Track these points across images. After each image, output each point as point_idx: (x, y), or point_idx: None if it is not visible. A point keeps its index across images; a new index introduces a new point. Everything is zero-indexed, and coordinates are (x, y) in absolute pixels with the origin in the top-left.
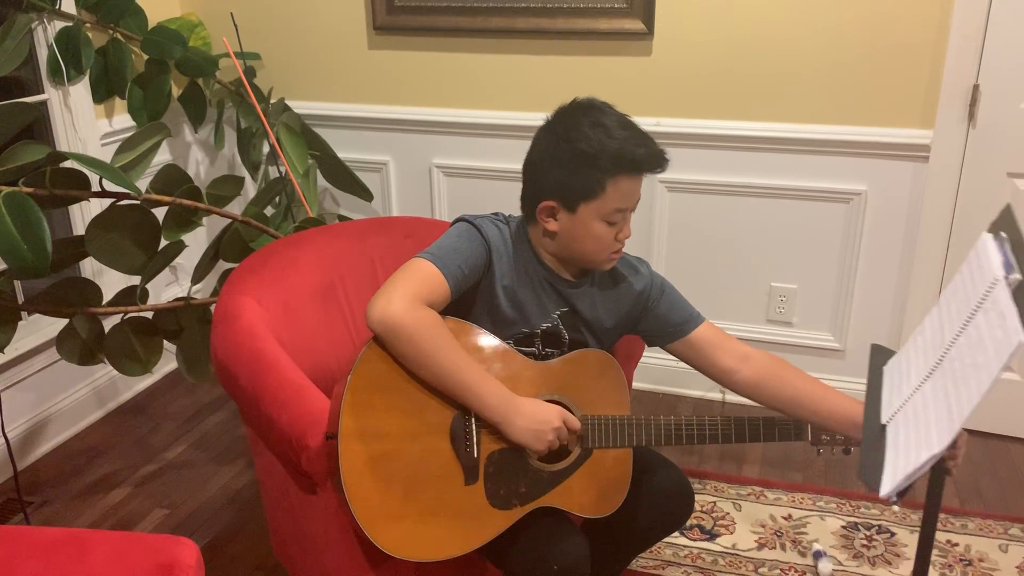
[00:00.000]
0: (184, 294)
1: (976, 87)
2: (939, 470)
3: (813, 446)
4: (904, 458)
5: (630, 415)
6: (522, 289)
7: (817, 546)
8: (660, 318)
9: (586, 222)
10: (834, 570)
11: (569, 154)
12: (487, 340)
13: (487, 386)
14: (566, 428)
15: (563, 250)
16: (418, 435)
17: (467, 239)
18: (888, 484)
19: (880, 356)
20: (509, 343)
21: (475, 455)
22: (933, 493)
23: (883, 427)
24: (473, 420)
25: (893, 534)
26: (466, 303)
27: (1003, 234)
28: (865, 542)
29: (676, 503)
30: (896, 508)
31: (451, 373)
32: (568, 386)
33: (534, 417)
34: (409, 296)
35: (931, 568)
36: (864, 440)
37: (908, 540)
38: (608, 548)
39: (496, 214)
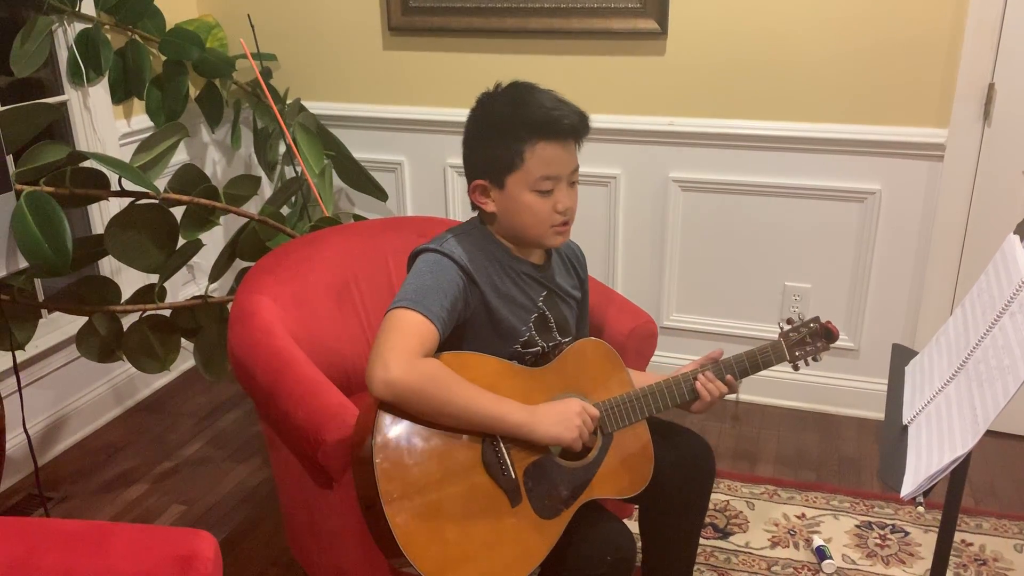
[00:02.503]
0: (201, 292)
1: (992, 86)
2: (959, 472)
3: (790, 363)
4: (926, 459)
5: (634, 390)
6: (511, 289)
7: (819, 540)
8: (585, 294)
9: (516, 195)
10: (838, 568)
11: (487, 130)
12: (489, 363)
13: (504, 406)
14: (587, 414)
15: (509, 230)
16: (455, 476)
17: (439, 271)
18: (909, 485)
19: (901, 356)
20: (517, 347)
21: (513, 476)
22: (953, 495)
23: (904, 428)
24: (500, 443)
25: (907, 533)
26: (469, 325)
27: None
28: (879, 541)
29: (694, 458)
30: (921, 509)
31: (470, 411)
32: (574, 383)
33: (555, 411)
34: (404, 354)
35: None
36: (885, 440)
37: (922, 539)
38: (663, 532)
39: (451, 229)
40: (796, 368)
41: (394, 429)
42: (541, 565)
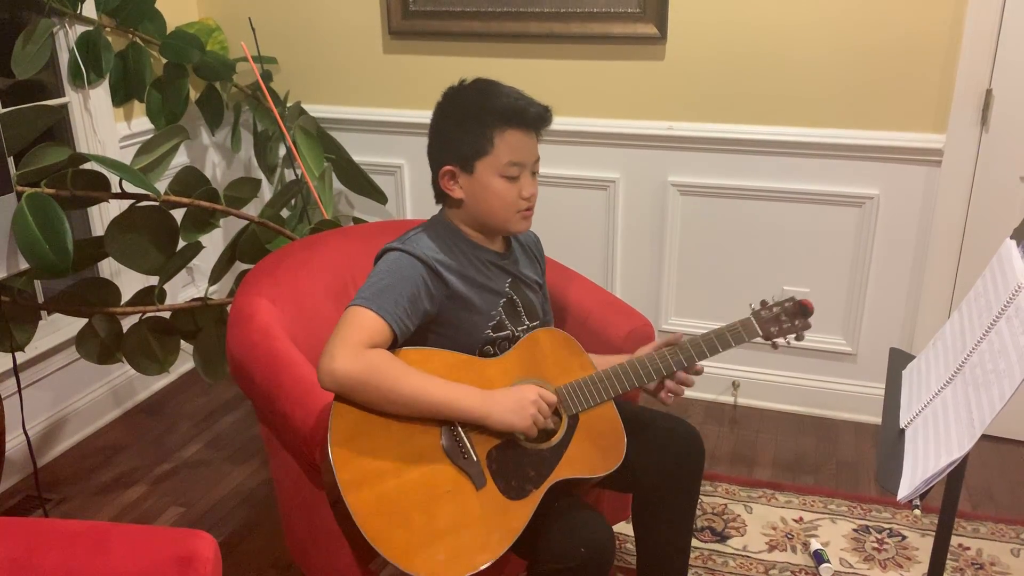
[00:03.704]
0: (201, 295)
1: (989, 91)
2: (956, 475)
3: (766, 341)
4: (923, 463)
5: (596, 372)
6: (477, 276)
7: (816, 544)
8: (543, 281)
9: (485, 180)
10: (836, 572)
11: (456, 118)
12: (446, 356)
13: (456, 392)
14: (543, 400)
15: (475, 217)
16: (416, 462)
17: (397, 269)
18: (906, 488)
19: (899, 360)
20: (488, 332)
21: (475, 459)
22: (949, 498)
23: (902, 431)
24: (459, 427)
25: (904, 537)
26: (440, 315)
27: None
28: (876, 545)
29: (681, 443)
30: (918, 512)
31: (418, 398)
32: (533, 368)
33: (510, 398)
34: (349, 347)
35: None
36: (882, 444)
37: (919, 543)
38: (655, 521)
39: (417, 226)
40: (775, 346)
41: (349, 421)
42: (516, 549)
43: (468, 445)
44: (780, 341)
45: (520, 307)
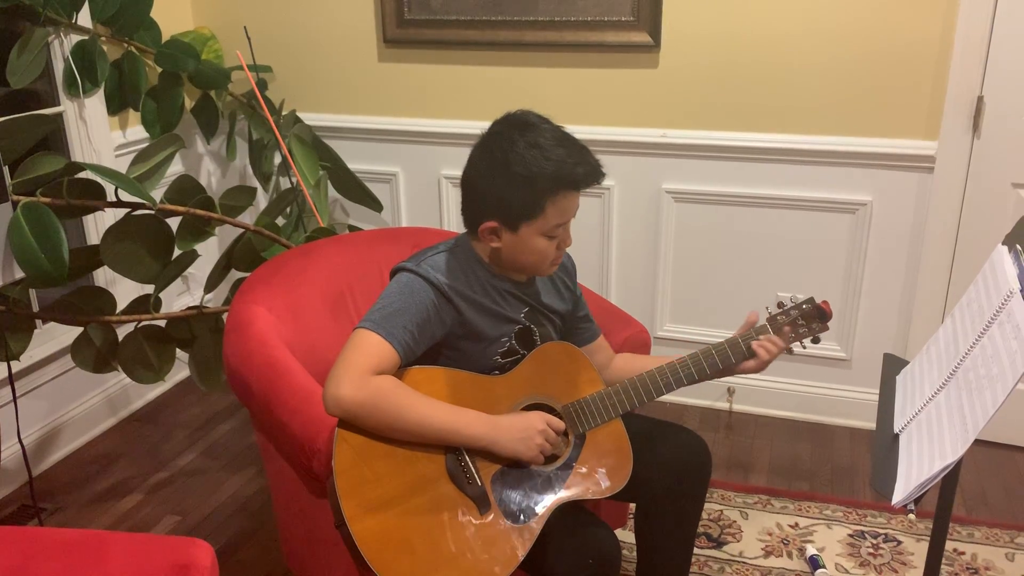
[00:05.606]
0: (196, 303)
1: (980, 98)
2: (950, 480)
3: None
4: (917, 467)
5: (604, 388)
6: (490, 305)
7: (812, 550)
8: (578, 299)
9: (528, 240)
10: None
11: (507, 176)
12: (452, 375)
13: (462, 419)
14: (551, 428)
15: (508, 263)
16: (419, 488)
17: (408, 292)
18: (901, 493)
19: (893, 365)
20: (497, 358)
21: (479, 484)
22: (944, 503)
23: (896, 436)
24: (464, 453)
25: (899, 542)
26: (448, 339)
27: (1019, 247)
28: (872, 550)
29: (689, 454)
30: (913, 517)
31: (424, 425)
32: (540, 386)
33: (516, 427)
34: (356, 373)
35: None
36: (876, 449)
37: (915, 548)
38: (658, 532)
39: (436, 245)
40: (790, 351)
41: (354, 447)
42: (522, 569)
43: (473, 470)
44: (796, 346)
45: (536, 336)
